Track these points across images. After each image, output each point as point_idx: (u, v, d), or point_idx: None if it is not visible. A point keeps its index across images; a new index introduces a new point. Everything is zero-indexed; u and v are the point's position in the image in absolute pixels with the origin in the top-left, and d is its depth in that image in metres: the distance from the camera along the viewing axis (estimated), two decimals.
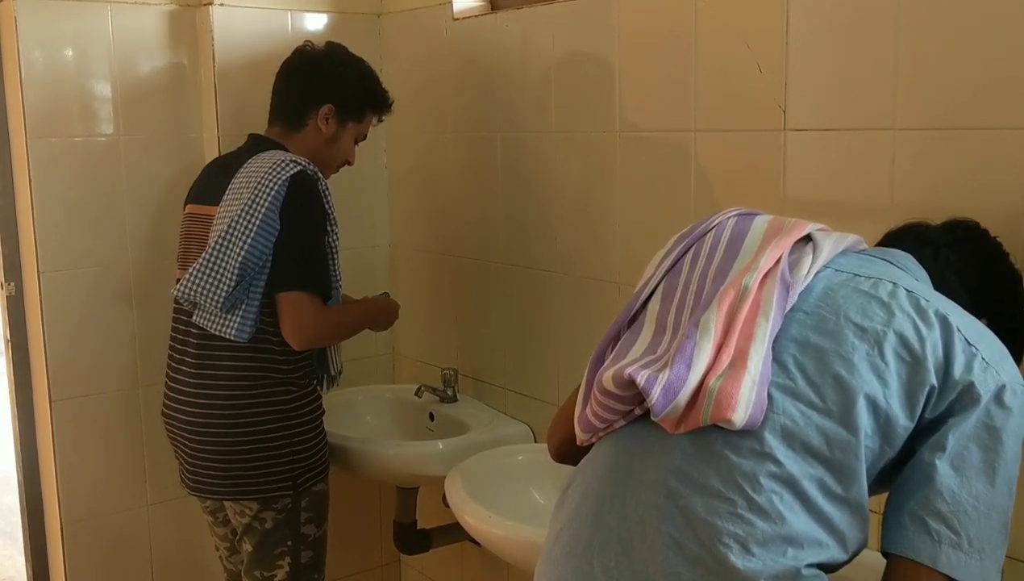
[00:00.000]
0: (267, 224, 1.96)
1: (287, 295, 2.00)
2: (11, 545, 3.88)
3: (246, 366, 2.03)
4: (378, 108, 2.24)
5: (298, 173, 2.01)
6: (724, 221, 1.25)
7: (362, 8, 2.73)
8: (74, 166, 2.39)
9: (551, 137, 2.23)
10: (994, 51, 1.42)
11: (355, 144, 2.24)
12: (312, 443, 2.10)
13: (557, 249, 2.25)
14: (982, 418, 1.07)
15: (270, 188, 1.97)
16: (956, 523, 1.05)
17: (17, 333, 2.50)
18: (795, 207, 1.72)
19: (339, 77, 2.18)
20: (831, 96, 1.64)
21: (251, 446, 2.03)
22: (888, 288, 1.15)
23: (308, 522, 2.11)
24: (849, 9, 1.60)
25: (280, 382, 2.05)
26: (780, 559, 1.03)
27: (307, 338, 2.03)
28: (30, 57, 2.31)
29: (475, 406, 2.53)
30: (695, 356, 1.08)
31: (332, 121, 2.16)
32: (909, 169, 1.54)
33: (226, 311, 1.99)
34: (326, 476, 2.16)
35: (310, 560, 2.13)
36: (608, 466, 1.17)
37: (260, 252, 1.96)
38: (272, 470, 2.04)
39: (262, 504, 2.06)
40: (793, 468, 1.05)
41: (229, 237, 1.97)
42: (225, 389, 2.03)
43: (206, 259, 1.98)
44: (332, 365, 2.20)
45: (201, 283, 1.98)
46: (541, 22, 2.22)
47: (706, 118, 1.86)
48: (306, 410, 2.09)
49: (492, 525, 1.87)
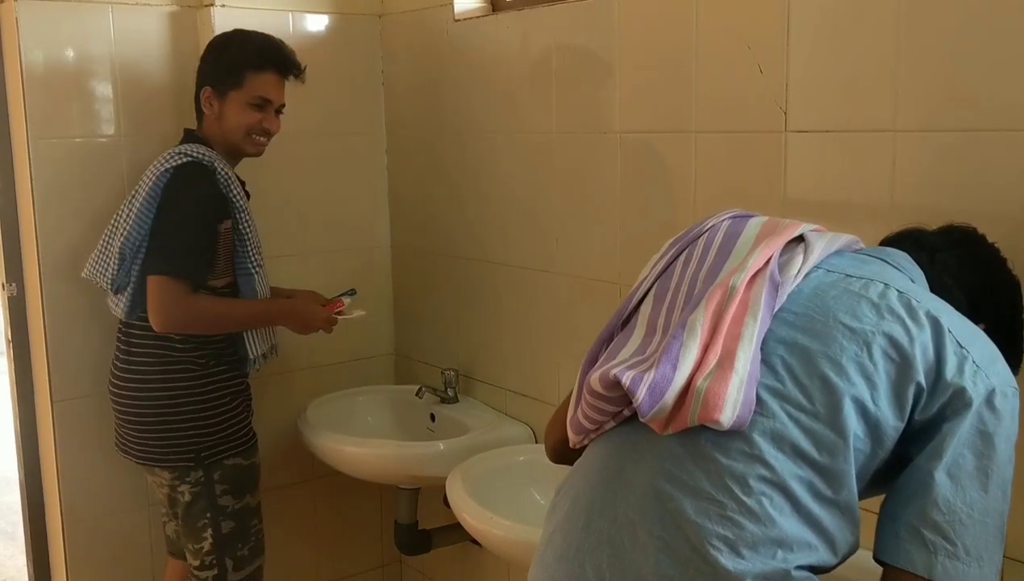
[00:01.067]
0: (143, 211, 2.11)
1: (151, 279, 2.11)
2: (12, 545, 3.88)
3: (147, 344, 2.17)
4: (258, 65, 2.18)
5: (184, 164, 2.12)
6: (718, 224, 1.25)
7: (363, 9, 2.73)
8: (75, 167, 2.39)
9: (552, 138, 2.23)
10: (995, 52, 1.42)
11: (260, 110, 2.19)
12: (219, 419, 2.20)
13: (558, 250, 2.25)
14: (975, 424, 1.07)
15: (151, 177, 2.12)
16: (951, 533, 1.05)
17: (19, 334, 2.50)
18: (796, 208, 1.71)
19: (209, 58, 2.24)
20: (832, 98, 1.64)
21: (155, 419, 2.17)
22: (879, 289, 1.14)
23: (225, 494, 2.21)
24: (850, 11, 1.60)
25: (178, 361, 2.17)
26: (770, 561, 1.03)
27: (164, 322, 2.11)
28: (31, 58, 2.32)
29: (476, 407, 2.53)
30: (681, 356, 1.08)
31: (214, 100, 2.20)
32: (910, 171, 1.54)
33: (115, 292, 2.19)
34: (244, 451, 2.25)
35: (232, 530, 2.22)
36: (598, 469, 1.18)
37: (135, 237, 2.11)
38: (176, 443, 2.17)
39: (174, 475, 2.19)
40: (783, 470, 1.05)
41: (115, 223, 2.17)
42: (134, 364, 2.19)
43: (100, 245, 2.20)
44: (251, 348, 2.25)
45: (95, 265, 2.21)
46: (542, 23, 2.22)
47: (707, 119, 1.86)
48: (210, 387, 2.19)
49: (493, 526, 1.87)
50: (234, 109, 2.19)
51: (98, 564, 2.52)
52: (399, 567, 3.00)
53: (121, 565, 2.56)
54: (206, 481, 2.18)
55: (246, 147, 2.23)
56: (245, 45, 2.22)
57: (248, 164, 2.31)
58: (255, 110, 2.20)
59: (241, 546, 2.24)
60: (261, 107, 2.21)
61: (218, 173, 2.13)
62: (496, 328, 2.48)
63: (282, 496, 2.74)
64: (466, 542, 2.46)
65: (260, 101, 2.20)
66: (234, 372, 2.25)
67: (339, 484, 2.76)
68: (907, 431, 1.09)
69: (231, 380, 2.24)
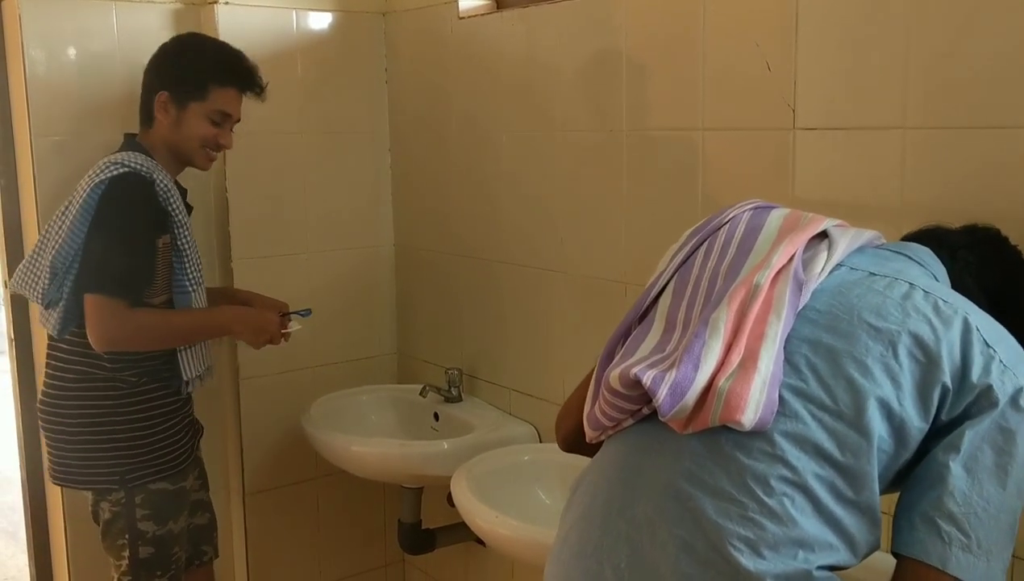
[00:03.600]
0: (76, 224, 1.99)
1: (88, 297, 1.99)
2: (14, 544, 3.88)
3: (74, 360, 2.07)
4: (223, 80, 2.12)
5: (120, 175, 2.00)
6: (739, 215, 1.24)
7: (367, 6, 2.72)
8: (78, 165, 2.37)
9: (557, 136, 2.22)
10: (1005, 48, 1.41)
11: (216, 125, 2.13)
12: (145, 441, 2.08)
13: (563, 249, 2.24)
14: (997, 420, 1.06)
15: (84, 189, 2.01)
16: (967, 525, 1.04)
17: (20, 332, 2.50)
18: (804, 206, 1.68)
19: (168, 63, 2.13)
20: (841, 95, 1.63)
21: (78, 438, 2.07)
22: (904, 288, 1.13)
23: (145, 519, 2.09)
24: (859, 7, 1.59)
25: (105, 379, 2.06)
26: (791, 562, 1.02)
27: (106, 340, 2.00)
28: (34, 55, 2.31)
29: (480, 406, 2.53)
30: (703, 356, 1.07)
31: (171, 106, 2.10)
32: (919, 168, 1.53)
33: (46, 307, 2.07)
34: (173, 475, 2.13)
35: (151, 556, 2.11)
36: (617, 467, 1.17)
37: (68, 251, 2.00)
38: (99, 463, 2.07)
39: (96, 494, 2.11)
40: (804, 471, 1.04)
41: (46, 236, 2.05)
42: (59, 379, 2.09)
43: (29, 256, 2.09)
44: (185, 369, 2.12)
45: (23, 278, 2.08)
46: (547, 21, 2.21)
47: (714, 117, 1.85)
48: (137, 408, 2.08)
49: (498, 525, 1.86)
50: (193, 120, 2.10)
51: (99, 563, 2.50)
52: (402, 566, 2.99)
53: None
54: (127, 503, 2.07)
55: (197, 160, 2.15)
56: (208, 55, 2.15)
57: (249, 161, 2.30)
58: (212, 124, 2.12)
59: (160, 574, 2.12)
60: (219, 122, 2.13)
61: (157, 185, 2.03)
62: (500, 327, 2.47)
63: (285, 495, 2.73)
64: (470, 541, 2.46)
65: (220, 116, 2.13)
66: (166, 391, 2.12)
67: (343, 483, 2.75)
68: (932, 431, 1.08)
69: (162, 400, 2.11)
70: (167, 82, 2.10)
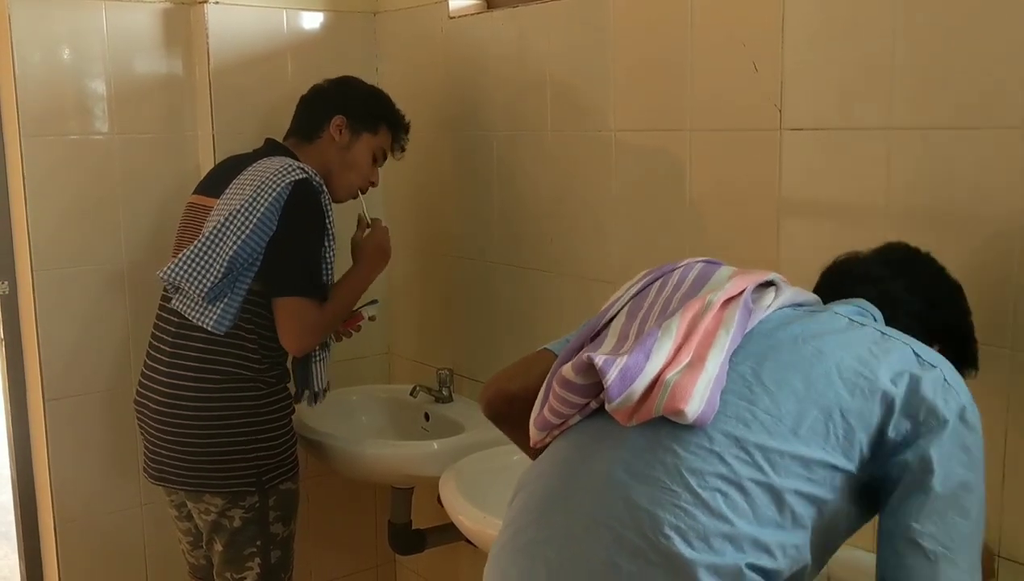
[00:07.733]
0: (264, 223, 1.97)
1: (289, 301, 2.01)
2: (5, 544, 3.87)
3: (218, 359, 2.03)
4: (393, 124, 2.25)
5: (303, 180, 2.03)
6: (691, 263, 1.31)
7: (358, 6, 2.72)
8: (68, 164, 2.38)
9: (546, 136, 2.22)
10: (991, 50, 1.41)
11: (374, 163, 2.24)
12: (279, 442, 2.10)
13: (552, 249, 2.24)
14: (957, 439, 1.10)
15: (273, 189, 1.98)
16: (950, 542, 1.07)
17: (11, 332, 2.49)
18: (791, 206, 1.71)
19: (351, 91, 2.24)
20: (827, 95, 1.64)
21: (216, 440, 2.03)
22: (843, 322, 1.20)
23: (276, 521, 2.11)
24: (845, 8, 1.60)
25: (250, 379, 2.05)
26: (721, 556, 1.04)
27: (307, 344, 2.07)
28: (24, 55, 2.30)
29: (470, 406, 2.52)
30: (655, 349, 1.12)
31: (345, 130, 2.18)
32: (905, 169, 1.54)
33: (208, 302, 2.00)
34: (294, 475, 2.16)
35: (279, 560, 2.12)
36: (557, 462, 1.20)
37: (252, 249, 1.97)
38: (237, 466, 2.04)
39: (228, 500, 2.05)
40: (741, 471, 1.07)
41: (224, 229, 1.98)
42: (195, 380, 2.04)
43: (198, 246, 1.99)
44: (316, 381, 2.18)
45: (189, 269, 1.99)
46: (537, 20, 2.21)
47: (701, 117, 1.85)
48: (274, 408, 2.09)
49: (486, 526, 1.87)
50: (363, 148, 2.20)
51: (90, 563, 2.51)
52: (393, 567, 2.99)
53: (113, 564, 2.55)
54: (261, 506, 2.06)
55: (346, 189, 2.21)
56: (383, 99, 2.27)
57: None
58: (373, 161, 2.23)
59: (284, 576, 2.14)
60: (377, 160, 2.25)
61: (324, 193, 2.08)
62: (491, 327, 2.47)
63: None
64: (460, 542, 2.45)
65: (381, 154, 2.25)
66: (289, 392, 2.16)
67: (333, 484, 2.75)
68: (880, 451, 1.11)
69: (286, 399, 2.14)
70: (347, 108, 2.19)
